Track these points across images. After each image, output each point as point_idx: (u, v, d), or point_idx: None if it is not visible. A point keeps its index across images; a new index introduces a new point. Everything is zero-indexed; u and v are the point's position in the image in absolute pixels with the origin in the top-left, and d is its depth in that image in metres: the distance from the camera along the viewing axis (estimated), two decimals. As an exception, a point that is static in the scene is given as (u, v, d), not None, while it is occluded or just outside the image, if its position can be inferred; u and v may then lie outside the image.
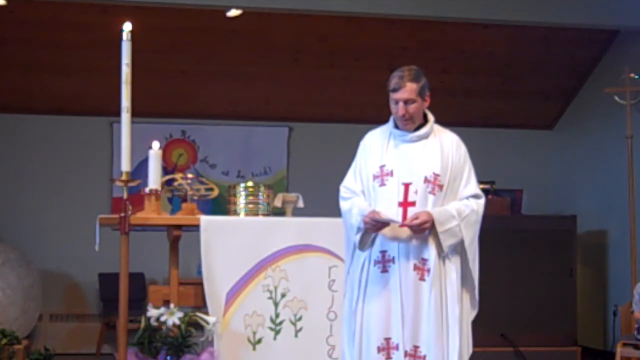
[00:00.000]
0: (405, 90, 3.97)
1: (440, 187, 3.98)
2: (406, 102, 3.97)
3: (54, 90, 8.66)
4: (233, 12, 7.74)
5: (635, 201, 7.67)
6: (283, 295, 5.06)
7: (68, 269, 8.83)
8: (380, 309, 3.89)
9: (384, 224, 3.89)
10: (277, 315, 5.03)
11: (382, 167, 4.01)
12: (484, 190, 8.12)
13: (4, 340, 6.14)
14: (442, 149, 4.04)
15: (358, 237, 3.97)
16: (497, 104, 9.43)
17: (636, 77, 7.84)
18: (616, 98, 7.97)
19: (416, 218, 3.87)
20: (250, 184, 5.37)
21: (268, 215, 5.34)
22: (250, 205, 5.31)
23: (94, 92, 8.53)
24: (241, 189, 5.33)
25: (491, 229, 7.79)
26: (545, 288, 7.88)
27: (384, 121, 4.16)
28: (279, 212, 5.77)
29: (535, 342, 7.73)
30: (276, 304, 5.04)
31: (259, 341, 5.00)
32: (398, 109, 3.99)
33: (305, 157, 9.33)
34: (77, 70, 8.39)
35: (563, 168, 9.63)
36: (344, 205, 4.11)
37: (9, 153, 8.88)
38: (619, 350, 6.59)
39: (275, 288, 5.05)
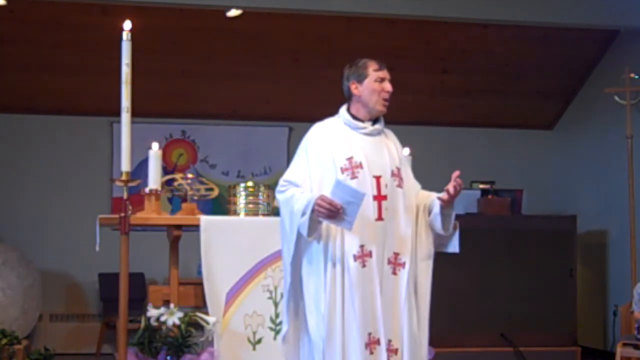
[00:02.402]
0: (387, 72, 3.99)
1: (402, 180, 3.94)
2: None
3: (54, 90, 8.66)
4: (233, 12, 7.74)
5: (635, 201, 7.67)
6: (283, 295, 5.06)
7: (68, 269, 8.83)
8: (364, 304, 3.76)
9: (340, 210, 3.66)
10: (277, 315, 5.01)
11: (349, 159, 3.87)
12: (484, 190, 8.26)
13: (4, 340, 6.14)
14: (394, 144, 4.04)
15: (305, 220, 3.70)
16: (497, 104, 9.42)
17: (636, 77, 7.84)
18: (616, 98, 7.97)
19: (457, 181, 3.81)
20: (250, 184, 5.36)
21: (268, 215, 5.33)
22: (250, 205, 5.30)
23: (94, 92, 8.53)
24: (241, 189, 5.32)
25: (491, 229, 7.93)
26: (545, 288, 7.88)
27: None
28: (279, 212, 5.75)
29: (535, 342, 7.74)
30: (276, 304, 5.03)
31: (259, 341, 4.99)
32: (385, 86, 3.97)
33: (305, 157, 9.31)
34: (77, 70, 8.38)
35: (563, 168, 9.62)
36: (282, 196, 3.91)
37: (9, 153, 8.88)
38: (619, 350, 6.59)
39: (275, 288, 5.04)
